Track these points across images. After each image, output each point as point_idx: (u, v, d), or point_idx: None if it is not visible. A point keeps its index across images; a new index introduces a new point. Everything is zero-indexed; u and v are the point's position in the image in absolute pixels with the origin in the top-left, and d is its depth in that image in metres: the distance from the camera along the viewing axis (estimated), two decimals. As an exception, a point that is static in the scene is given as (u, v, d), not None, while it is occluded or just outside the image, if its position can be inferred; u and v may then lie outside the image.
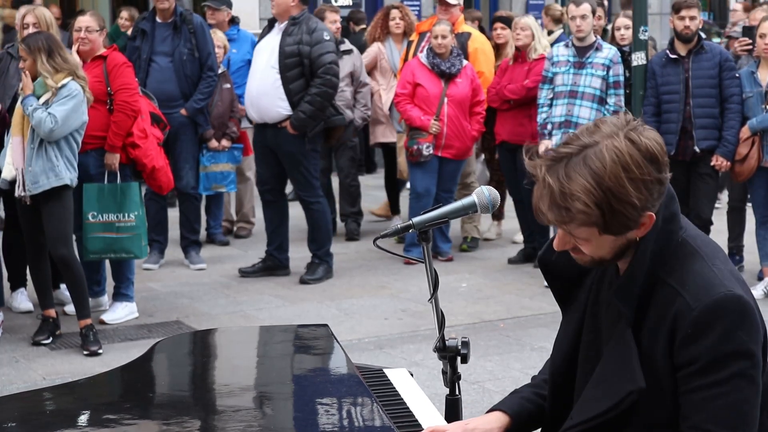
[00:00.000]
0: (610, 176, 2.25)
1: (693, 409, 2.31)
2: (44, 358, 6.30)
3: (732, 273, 2.39)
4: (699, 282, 2.33)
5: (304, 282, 7.96)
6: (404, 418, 2.66)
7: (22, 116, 6.27)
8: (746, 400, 2.30)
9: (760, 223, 7.79)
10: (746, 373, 2.29)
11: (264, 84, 7.80)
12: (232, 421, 2.54)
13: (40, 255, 6.55)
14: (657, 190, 2.31)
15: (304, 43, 7.70)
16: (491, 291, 7.82)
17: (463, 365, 2.75)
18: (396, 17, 9.68)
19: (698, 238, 2.43)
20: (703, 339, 2.29)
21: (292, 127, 7.73)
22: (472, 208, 2.61)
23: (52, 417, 2.71)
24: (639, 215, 2.31)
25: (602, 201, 2.26)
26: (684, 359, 2.31)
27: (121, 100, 6.84)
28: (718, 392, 2.28)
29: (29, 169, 6.22)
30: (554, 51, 8.13)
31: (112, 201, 6.80)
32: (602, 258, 2.40)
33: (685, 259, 2.38)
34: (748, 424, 2.31)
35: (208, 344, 3.42)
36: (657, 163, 2.29)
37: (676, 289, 2.34)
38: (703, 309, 2.30)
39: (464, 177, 8.98)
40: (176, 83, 8.25)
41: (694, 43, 7.57)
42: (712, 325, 2.29)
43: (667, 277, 2.36)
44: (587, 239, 2.36)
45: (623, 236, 2.35)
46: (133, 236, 6.84)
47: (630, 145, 2.27)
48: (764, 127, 7.47)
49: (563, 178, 2.28)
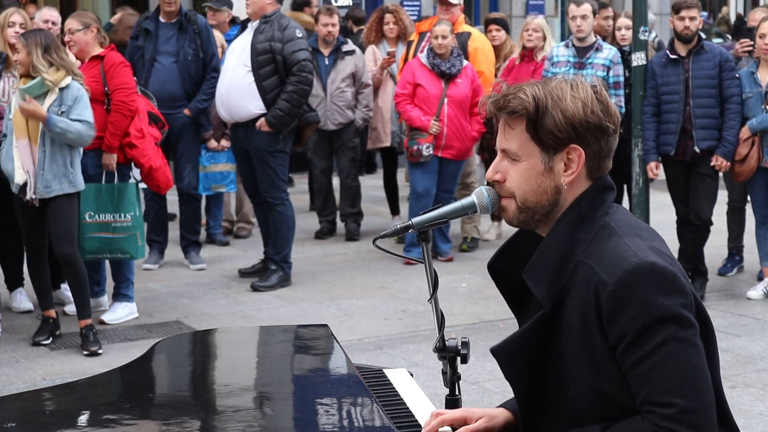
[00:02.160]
0: (555, 87, 2.41)
1: (638, 385, 2.29)
2: (44, 358, 6.30)
3: (652, 248, 2.37)
4: (612, 257, 2.33)
5: (255, 288, 7.75)
6: (404, 418, 2.66)
7: (25, 119, 6.25)
8: (685, 363, 2.27)
9: (760, 224, 7.79)
10: (678, 336, 2.27)
11: (234, 82, 7.71)
12: (232, 421, 2.54)
13: (39, 256, 6.54)
14: (595, 126, 2.40)
15: (276, 40, 7.62)
16: (491, 291, 7.81)
17: (463, 365, 2.75)
18: (390, 22, 9.65)
19: (622, 221, 2.44)
20: (623, 312, 2.28)
21: (268, 124, 7.64)
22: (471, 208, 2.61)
23: (52, 417, 2.71)
24: (568, 135, 2.38)
25: (540, 97, 2.39)
26: (614, 337, 2.30)
27: (117, 100, 6.83)
28: (654, 362, 2.26)
29: (41, 173, 6.22)
30: (554, 51, 8.13)
31: (109, 201, 6.80)
32: (526, 200, 2.43)
33: (602, 239, 2.39)
34: (696, 387, 2.27)
35: (208, 344, 3.42)
36: (606, 109, 2.41)
37: (593, 268, 2.34)
38: (616, 282, 2.29)
39: (464, 177, 8.98)
40: (180, 83, 8.23)
41: (694, 43, 7.57)
42: (629, 296, 2.28)
43: (587, 259, 2.37)
44: (515, 155, 2.42)
45: (549, 164, 2.40)
46: (129, 236, 6.84)
47: (588, 85, 2.43)
48: (764, 128, 7.47)
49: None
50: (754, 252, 8.03)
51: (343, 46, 9.33)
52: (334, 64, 9.26)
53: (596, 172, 2.46)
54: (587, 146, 2.41)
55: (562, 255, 2.39)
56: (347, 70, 9.24)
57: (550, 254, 2.40)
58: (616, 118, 2.44)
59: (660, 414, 2.26)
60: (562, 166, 2.42)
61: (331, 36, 9.28)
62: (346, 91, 9.25)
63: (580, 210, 2.42)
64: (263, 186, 7.85)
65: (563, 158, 2.42)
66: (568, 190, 2.44)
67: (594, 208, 2.43)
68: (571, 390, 2.39)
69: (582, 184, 2.45)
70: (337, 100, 9.24)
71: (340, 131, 9.34)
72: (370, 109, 9.42)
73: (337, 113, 9.24)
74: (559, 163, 2.42)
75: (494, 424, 2.61)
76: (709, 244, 7.73)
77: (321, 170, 9.61)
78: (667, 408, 2.25)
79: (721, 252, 8.38)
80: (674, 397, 2.25)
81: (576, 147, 2.41)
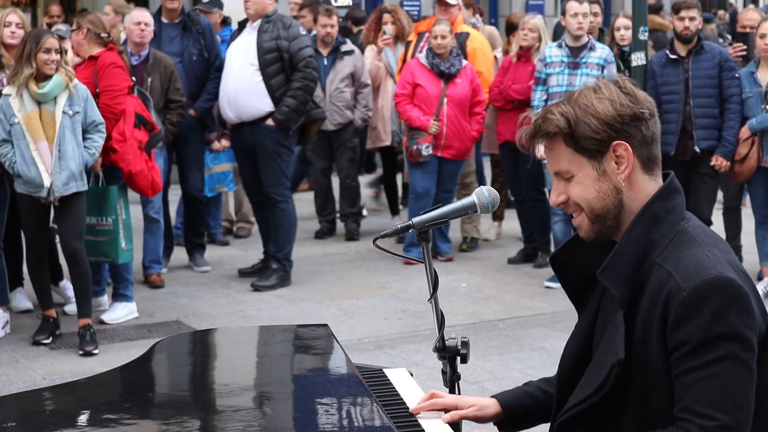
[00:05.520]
0: (579, 97, 2.45)
1: (684, 391, 2.30)
2: (44, 358, 6.31)
3: (730, 262, 2.39)
4: (691, 265, 2.34)
5: (255, 288, 7.79)
6: (404, 418, 2.66)
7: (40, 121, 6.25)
8: (737, 383, 2.28)
9: (760, 223, 7.79)
10: (737, 355, 2.28)
11: (242, 82, 7.74)
12: (232, 421, 2.54)
13: (41, 256, 6.55)
14: (629, 117, 2.42)
15: (282, 38, 7.68)
16: (491, 291, 7.82)
17: (462, 365, 2.76)
18: (388, 21, 9.65)
19: (699, 229, 2.45)
20: (693, 320, 2.29)
21: (275, 122, 7.68)
22: (471, 208, 2.61)
23: (52, 417, 2.71)
24: (607, 134, 2.40)
25: (567, 111, 2.42)
26: (675, 341, 2.31)
27: (102, 103, 6.79)
28: (707, 373, 2.27)
29: (58, 172, 6.24)
30: (547, 52, 8.09)
31: (94, 204, 6.79)
32: (593, 208, 2.45)
33: (681, 246, 2.40)
34: (740, 408, 2.29)
35: (208, 344, 3.42)
36: (635, 98, 2.43)
37: (669, 272, 2.35)
38: (693, 289, 2.30)
39: (464, 177, 8.98)
40: (185, 84, 8.22)
41: (694, 43, 7.57)
42: (701, 305, 2.29)
43: (663, 262, 2.38)
44: (567, 172, 2.45)
45: (601, 168, 2.42)
46: (110, 240, 6.82)
47: (611, 84, 2.46)
48: (764, 127, 7.47)
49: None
50: (753, 252, 8.04)
51: (341, 46, 9.33)
52: (333, 65, 9.26)
53: (649, 161, 2.46)
54: (630, 138, 2.42)
55: (639, 255, 2.41)
56: (346, 70, 9.24)
57: (628, 255, 2.41)
58: (648, 104, 2.45)
59: (699, 424, 2.27)
60: (613, 166, 2.43)
61: (329, 36, 9.29)
62: (345, 91, 9.25)
63: (653, 211, 2.43)
64: (267, 183, 7.87)
65: (612, 158, 2.43)
66: (629, 187, 2.44)
67: (667, 209, 2.44)
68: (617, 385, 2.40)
69: (640, 178, 2.45)
70: (336, 100, 9.24)
71: (339, 131, 9.34)
72: (369, 109, 9.42)
73: (336, 113, 9.24)
74: (610, 163, 2.43)
75: (484, 414, 2.67)
76: (708, 244, 7.72)
77: (320, 170, 9.61)
78: (707, 420, 2.27)
79: (720, 252, 8.36)
80: (718, 412, 2.27)
81: (620, 142, 2.42)
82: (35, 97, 6.24)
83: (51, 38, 6.29)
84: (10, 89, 6.28)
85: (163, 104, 7.72)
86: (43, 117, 6.27)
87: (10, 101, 6.25)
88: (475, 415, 2.66)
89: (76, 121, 6.36)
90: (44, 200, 6.29)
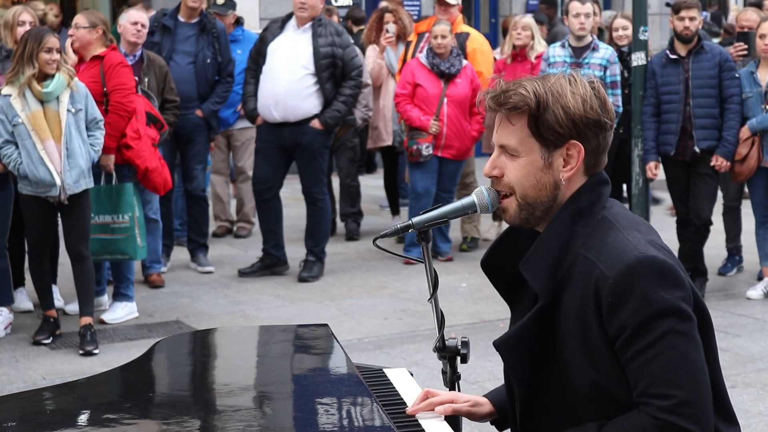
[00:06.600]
0: (555, 83, 2.42)
1: (636, 377, 2.30)
2: (44, 358, 6.31)
3: (651, 242, 2.38)
4: (612, 251, 2.34)
5: (303, 280, 8.01)
6: (404, 418, 2.66)
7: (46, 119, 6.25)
8: (683, 356, 2.28)
9: (760, 223, 7.79)
10: (676, 329, 2.28)
11: (294, 84, 7.86)
12: (232, 421, 2.54)
13: (43, 256, 6.56)
14: (594, 122, 2.42)
15: (336, 45, 7.92)
16: (491, 291, 7.73)
17: (462, 365, 2.75)
18: (389, 21, 9.65)
19: (620, 215, 2.45)
20: (624, 306, 2.29)
21: (323, 124, 7.90)
22: (471, 208, 2.61)
23: (52, 417, 2.71)
24: (569, 131, 2.40)
25: (541, 93, 2.39)
26: (614, 329, 2.31)
27: (114, 101, 6.82)
28: (653, 354, 2.27)
29: (67, 170, 6.25)
30: (550, 51, 8.12)
31: (108, 202, 6.81)
32: (526, 195, 2.44)
33: (602, 233, 2.40)
34: (694, 379, 2.28)
35: (208, 344, 3.42)
36: (604, 105, 2.43)
37: (593, 262, 2.35)
38: (617, 275, 2.30)
39: (464, 177, 8.98)
40: (195, 85, 8.22)
41: (694, 43, 7.57)
42: (630, 289, 2.29)
43: (587, 253, 2.38)
44: (515, 150, 2.43)
45: (549, 159, 2.41)
46: (127, 237, 6.84)
47: (586, 82, 2.44)
48: (764, 128, 7.47)
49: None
50: (753, 252, 8.03)
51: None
52: (334, 65, 9.26)
53: (593, 167, 2.47)
54: (586, 142, 2.43)
55: (560, 248, 2.40)
56: (346, 70, 9.24)
57: (548, 248, 2.41)
58: (612, 114, 2.47)
59: (657, 406, 2.27)
60: (561, 162, 2.43)
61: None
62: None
63: (579, 204, 2.43)
64: (308, 182, 8.13)
65: (563, 154, 2.43)
66: (566, 186, 2.45)
67: (592, 202, 2.44)
68: (569, 384, 2.41)
69: (579, 180, 2.46)
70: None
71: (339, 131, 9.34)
72: (370, 108, 9.41)
73: (337, 113, 9.24)
74: (559, 158, 2.43)
75: (477, 411, 2.67)
76: (708, 244, 7.74)
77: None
78: (664, 400, 2.26)
79: (720, 252, 8.38)
80: (672, 389, 2.26)
81: (576, 143, 2.42)
82: (39, 97, 6.23)
83: (52, 37, 6.28)
84: (11, 89, 6.26)
85: (160, 104, 7.72)
86: (47, 116, 6.26)
87: (11, 101, 6.23)
88: (469, 411, 2.66)
89: (80, 118, 6.37)
90: (54, 199, 6.29)
